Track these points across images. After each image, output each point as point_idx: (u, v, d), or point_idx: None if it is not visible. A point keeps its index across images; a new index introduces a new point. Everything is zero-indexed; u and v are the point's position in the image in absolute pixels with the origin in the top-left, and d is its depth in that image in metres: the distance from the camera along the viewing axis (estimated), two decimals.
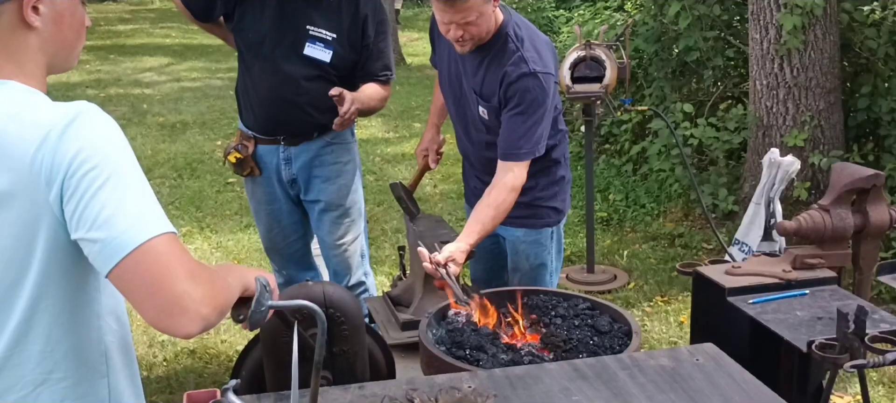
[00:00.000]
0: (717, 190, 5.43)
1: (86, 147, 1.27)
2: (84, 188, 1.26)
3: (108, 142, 1.30)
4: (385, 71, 3.17)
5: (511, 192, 2.60)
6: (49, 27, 1.41)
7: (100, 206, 1.26)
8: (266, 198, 3.27)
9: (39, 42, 1.40)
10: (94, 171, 1.27)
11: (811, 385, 2.22)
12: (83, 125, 1.29)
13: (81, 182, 1.26)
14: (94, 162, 1.27)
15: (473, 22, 2.52)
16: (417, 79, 11.41)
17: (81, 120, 1.29)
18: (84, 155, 1.27)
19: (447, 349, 2.15)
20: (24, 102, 1.33)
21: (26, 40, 1.39)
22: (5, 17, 1.36)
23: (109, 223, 1.25)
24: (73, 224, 1.28)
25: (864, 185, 2.42)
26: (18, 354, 1.35)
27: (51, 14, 1.41)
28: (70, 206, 1.27)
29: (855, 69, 5.50)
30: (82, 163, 1.27)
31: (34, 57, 1.40)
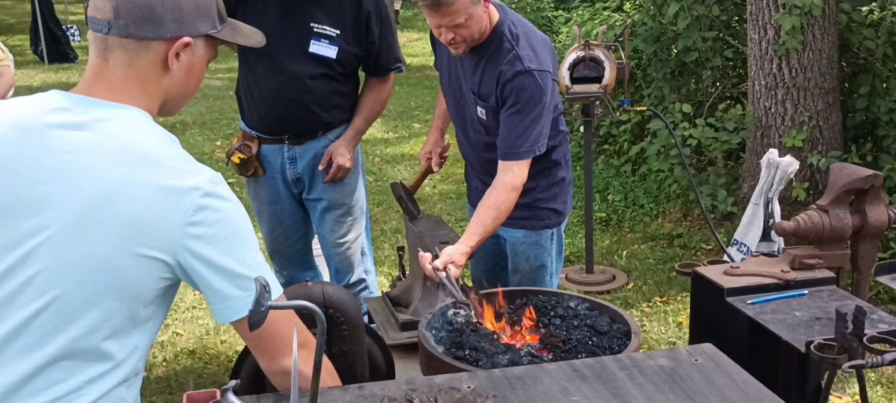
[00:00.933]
0: (716, 190, 5.44)
1: (225, 207, 1.50)
2: (217, 242, 1.48)
3: (238, 206, 1.53)
4: (397, 63, 3.23)
5: (511, 192, 2.60)
6: (180, 74, 1.57)
7: (230, 262, 1.49)
8: (269, 198, 3.28)
9: (168, 84, 1.57)
10: (232, 232, 1.50)
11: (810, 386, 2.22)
12: (224, 189, 1.51)
13: (216, 236, 1.48)
14: (233, 226, 1.51)
15: (463, 24, 2.51)
16: (417, 80, 11.41)
17: (223, 185, 1.51)
18: (225, 214, 1.49)
19: (446, 349, 2.16)
20: (167, 139, 1.54)
21: (159, 79, 1.55)
22: (152, 54, 1.52)
23: (228, 287, 1.50)
24: (200, 271, 1.48)
25: (862, 186, 2.42)
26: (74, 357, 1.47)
27: (186, 63, 1.57)
28: (202, 254, 1.47)
29: (853, 69, 5.50)
30: (222, 221, 1.49)
31: (159, 95, 1.57)
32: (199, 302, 4.44)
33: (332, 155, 3.13)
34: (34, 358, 1.42)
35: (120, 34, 1.49)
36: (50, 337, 1.43)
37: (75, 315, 1.43)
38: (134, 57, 1.51)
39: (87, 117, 1.48)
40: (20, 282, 1.42)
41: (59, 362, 1.44)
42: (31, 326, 1.42)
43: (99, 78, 1.52)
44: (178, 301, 4.45)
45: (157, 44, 1.51)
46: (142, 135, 1.50)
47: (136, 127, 1.50)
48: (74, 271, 1.42)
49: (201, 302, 4.43)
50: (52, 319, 1.42)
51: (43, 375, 1.43)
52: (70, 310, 1.43)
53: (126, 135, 1.48)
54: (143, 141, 1.49)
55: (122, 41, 1.50)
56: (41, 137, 1.46)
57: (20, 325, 1.42)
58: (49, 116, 1.48)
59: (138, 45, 1.50)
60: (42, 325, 1.42)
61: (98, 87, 1.51)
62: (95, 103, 1.49)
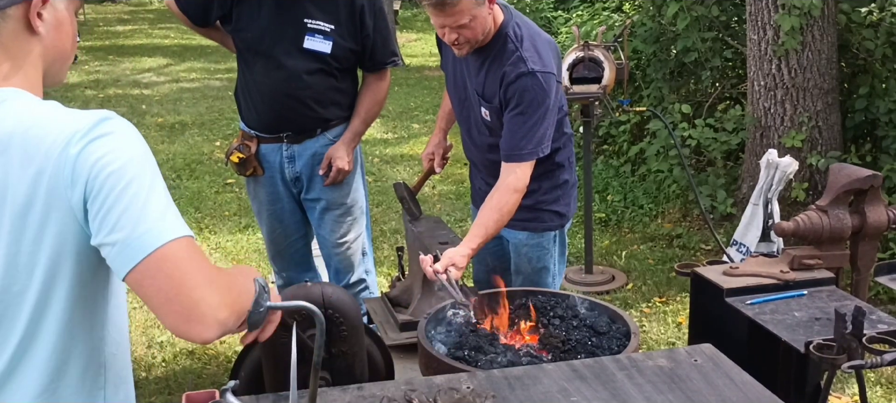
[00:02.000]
0: (716, 190, 5.44)
1: (111, 151, 1.28)
2: (107, 191, 1.27)
3: (131, 146, 1.31)
4: (393, 57, 3.23)
5: (514, 194, 2.59)
6: (50, 34, 1.40)
7: (122, 209, 1.26)
8: (268, 198, 3.28)
9: (41, 49, 1.40)
10: (117, 175, 1.27)
11: (809, 386, 2.22)
12: (107, 130, 1.29)
13: (104, 184, 1.27)
14: (118, 165, 1.27)
15: (467, 25, 2.51)
16: (416, 81, 11.42)
17: (106, 125, 1.29)
18: (108, 158, 1.27)
19: (446, 350, 2.16)
20: (44, 107, 1.33)
21: (29, 46, 1.38)
22: (11, 22, 1.35)
23: (130, 225, 1.26)
24: (94, 226, 1.28)
25: (861, 186, 2.42)
26: (27, 361, 1.34)
27: (53, 21, 1.40)
28: (93, 209, 1.27)
29: (852, 70, 5.51)
30: (106, 166, 1.27)
31: (35, 63, 1.40)
32: None
33: (331, 158, 3.14)
34: None
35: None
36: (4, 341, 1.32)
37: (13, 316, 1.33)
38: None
39: None
40: None
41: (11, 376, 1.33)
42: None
43: None
44: None
45: (13, 10, 1.35)
46: (12, 117, 1.32)
47: (4, 109, 1.32)
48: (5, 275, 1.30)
49: None
50: None
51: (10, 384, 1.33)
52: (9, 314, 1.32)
53: (11, 119, 1.31)
54: (14, 121, 1.31)
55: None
56: None
57: None
58: None
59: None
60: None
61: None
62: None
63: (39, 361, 1.34)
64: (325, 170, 3.15)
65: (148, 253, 1.25)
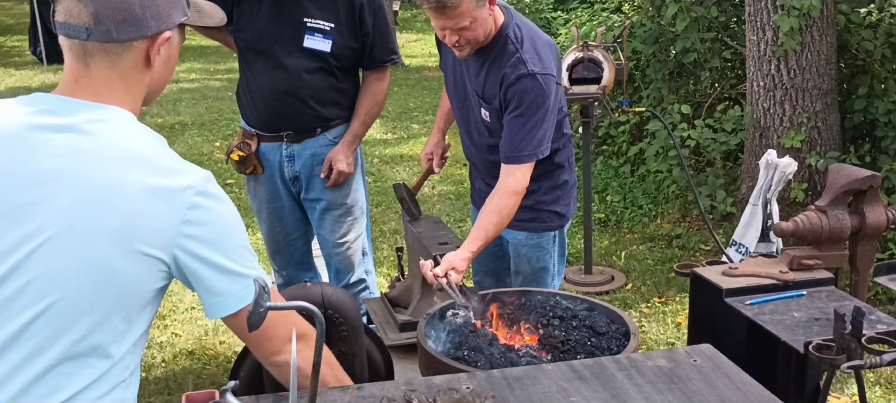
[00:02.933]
0: (715, 191, 5.44)
1: (217, 205, 1.51)
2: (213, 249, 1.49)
3: (230, 204, 1.54)
4: (392, 55, 3.24)
5: (513, 196, 2.60)
6: (160, 67, 1.56)
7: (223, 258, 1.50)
8: (268, 197, 3.28)
9: (150, 79, 1.55)
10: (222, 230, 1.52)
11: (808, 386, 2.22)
12: (214, 190, 1.51)
13: (209, 235, 1.49)
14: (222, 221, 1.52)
15: (468, 27, 2.51)
16: (415, 81, 11.41)
17: (212, 185, 1.52)
18: (216, 212, 1.50)
19: (445, 350, 2.16)
20: (152, 136, 1.53)
21: (142, 76, 1.54)
22: (134, 53, 1.50)
23: (233, 278, 1.51)
24: (191, 274, 1.50)
25: (860, 186, 2.43)
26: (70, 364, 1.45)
27: (165, 56, 1.56)
28: (196, 253, 1.48)
29: (852, 70, 5.51)
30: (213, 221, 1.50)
31: (141, 92, 1.55)
32: (198, 304, 4.43)
33: (331, 161, 3.14)
34: (33, 367, 1.41)
35: (101, 40, 1.46)
36: (48, 344, 1.41)
37: (72, 320, 1.41)
38: (116, 59, 1.48)
39: (74, 120, 1.45)
40: (14, 290, 1.40)
41: (58, 367, 1.42)
42: (26, 333, 1.40)
43: (80, 82, 1.49)
44: (177, 302, 4.45)
45: (138, 43, 1.50)
46: (130, 136, 1.48)
47: (123, 128, 1.48)
48: (69, 276, 1.40)
49: (200, 304, 4.43)
50: (48, 325, 1.40)
51: (42, 382, 1.42)
52: (67, 316, 1.41)
53: (114, 136, 1.46)
54: (132, 141, 1.48)
55: (103, 46, 1.47)
56: (28, 141, 1.44)
57: (16, 333, 1.40)
58: (34, 119, 1.46)
59: (120, 47, 1.48)
60: (38, 332, 1.40)
61: (81, 91, 1.48)
62: (80, 105, 1.47)
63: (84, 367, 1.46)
64: (325, 173, 3.15)
65: (243, 306, 1.51)
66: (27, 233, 1.40)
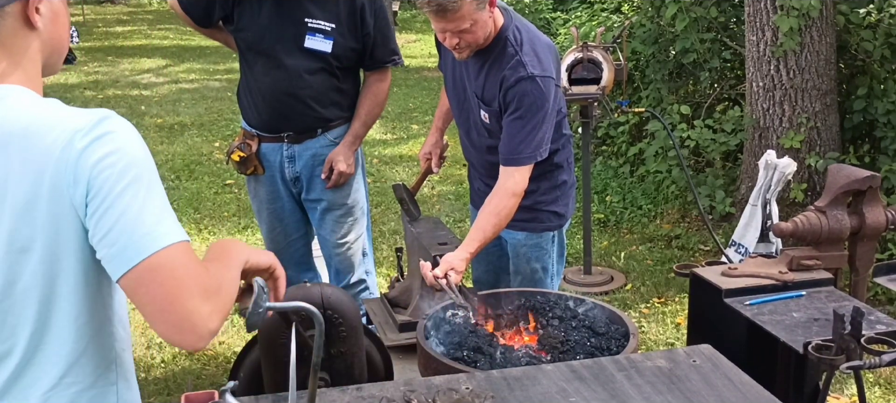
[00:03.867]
0: (714, 191, 5.44)
1: (112, 152, 1.28)
2: (106, 192, 1.27)
3: (132, 148, 1.30)
4: (393, 56, 3.24)
5: (512, 197, 2.60)
6: (48, 27, 1.39)
7: (120, 211, 1.26)
8: (268, 197, 3.28)
9: (39, 43, 1.39)
10: (117, 177, 1.27)
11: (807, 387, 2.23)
12: (108, 128, 1.29)
13: (104, 185, 1.27)
14: (119, 167, 1.27)
15: (468, 29, 2.51)
16: (415, 81, 11.42)
17: (106, 124, 1.29)
18: (110, 159, 1.27)
19: (445, 350, 2.16)
20: (44, 105, 1.33)
21: (28, 41, 1.37)
22: (9, 19, 1.34)
23: (127, 228, 1.26)
24: (91, 225, 1.28)
25: (860, 187, 2.43)
26: (39, 356, 1.35)
27: (49, 13, 1.39)
28: (92, 208, 1.27)
29: (851, 71, 5.51)
30: (106, 167, 1.27)
31: (34, 58, 1.39)
32: None
33: (332, 162, 3.14)
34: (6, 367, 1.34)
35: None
36: (6, 342, 1.33)
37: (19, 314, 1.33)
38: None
39: None
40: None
41: (31, 360, 1.34)
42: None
43: None
44: None
45: (11, 7, 1.34)
46: (12, 114, 1.31)
47: (5, 106, 1.31)
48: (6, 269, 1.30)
49: None
50: (3, 325, 1.33)
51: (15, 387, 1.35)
52: (16, 309, 1.32)
53: (6, 118, 1.30)
54: (14, 119, 1.31)
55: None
56: None
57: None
58: None
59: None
60: None
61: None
62: None
63: (51, 355, 1.34)
64: (326, 174, 3.15)
65: (142, 259, 1.25)
66: None
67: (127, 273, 1.26)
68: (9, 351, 1.34)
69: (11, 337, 1.33)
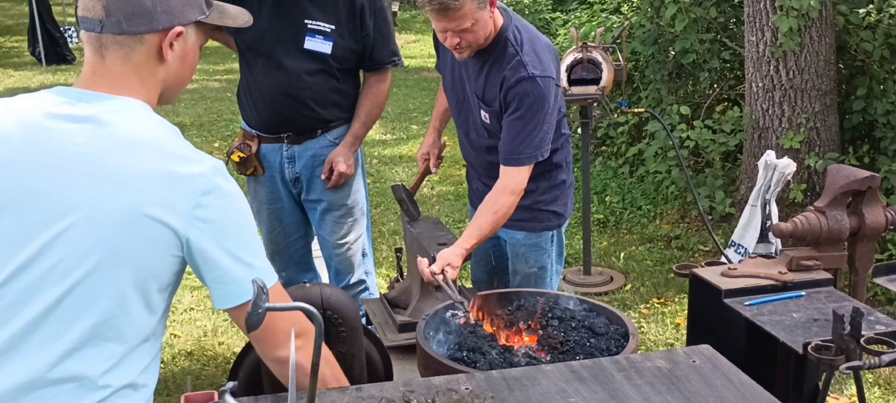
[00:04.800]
0: (714, 192, 5.44)
1: (227, 206, 1.54)
2: (222, 239, 1.52)
3: (241, 197, 1.58)
4: (393, 57, 3.23)
5: (511, 196, 2.60)
6: (175, 63, 1.60)
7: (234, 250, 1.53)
8: (268, 198, 3.28)
9: (165, 74, 1.60)
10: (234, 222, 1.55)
11: (807, 387, 2.23)
12: (225, 181, 1.54)
13: (221, 232, 1.52)
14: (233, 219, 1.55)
15: (469, 29, 2.51)
16: (415, 82, 11.41)
17: (223, 176, 1.54)
18: (225, 212, 1.53)
19: (444, 351, 2.16)
20: (164, 125, 1.56)
21: (156, 70, 1.59)
22: (146, 46, 1.56)
23: (242, 269, 1.53)
24: (202, 258, 1.52)
25: (859, 187, 2.43)
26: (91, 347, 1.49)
27: (180, 52, 1.60)
28: (204, 243, 1.51)
29: (850, 71, 5.51)
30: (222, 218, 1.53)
31: (157, 86, 1.61)
32: (197, 304, 4.43)
33: (332, 163, 3.14)
34: (56, 347, 1.46)
35: (113, 31, 1.54)
36: (70, 325, 1.46)
37: (90, 302, 1.47)
38: (129, 52, 1.55)
39: (91, 111, 1.52)
40: (40, 273, 1.46)
41: (80, 351, 1.47)
42: (52, 315, 1.46)
43: (97, 75, 1.56)
44: (176, 303, 4.44)
45: (150, 37, 1.55)
46: (144, 125, 1.54)
47: (137, 118, 1.55)
48: (91, 256, 1.46)
49: (199, 304, 4.43)
50: (72, 307, 1.46)
51: (65, 363, 1.46)
52: (89, 296, 1.47)
53: (129, 125, 1.53)
54: (146, 130, 1.54)
55: (116, 38, 1.54)
56: (47, 132, 1.51)
57: (41, 314, 1.45)
58: (54, 110, 1.53)
59: (132, 39, 1.55)
60: (63, 313, 1.46)
61: (98, 84, 1.56)
62: (97, 97, 1.54)
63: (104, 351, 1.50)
64: (326, 174, 3.15)
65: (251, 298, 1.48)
66: (49, 219, 1.47)
67: (235, 307, 1.56)
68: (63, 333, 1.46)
69: (73, 321, 1.47)
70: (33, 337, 1.46)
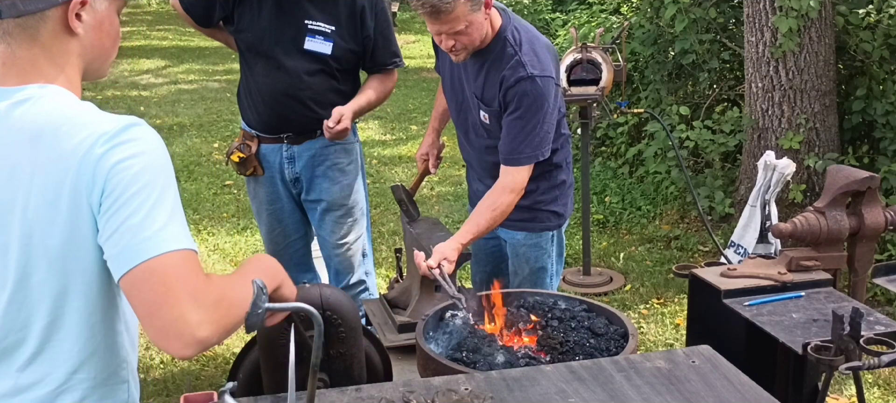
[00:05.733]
0: (713, 192, 5.44)
1: (130, 156, 1.33)
2: (118, 194, 1.32)
3: (151, 155, 1.36)
4: (394, 58, 3.23)
5: (510, 194, 2.61)
6: (89, 34, 1.46)
7: (128, 213, 1.31)
8: (268, 198, 3.28)
9: (79, 48, 1.46)
10: (130, 180, 1.32)
11: (807, 387, 2.23)
12: (132, 136, 1.35)
13: (116, 187, 1.32)
14: (133, 171, 1.33)
15: (463, 31, 2.51)
16: (414, 82, 11.41)
17: (132, 131, 1.35)
18: (126, 163, 1.33)
19: (444, 351, 2.16)
20: (78, 106, 1.40)
21: (68, 46, 1.44)
22: (50, 22, 1.41)
23: (131, 230, 1.31)
24: (101, 224, 1.33)
25: (859, 188, 2.43)
26: (50, 349, 1.39)
27: (92, 21, 1.46)
28: (104, 208, 1.32)
29: (850, 72, 5.51)
30: (122, 170, 1.32)
31: (74, 62, 1.46)
32: None
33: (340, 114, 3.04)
34: (12, 363, 1.39)
35: (12, 15, 1.40)
36: (21, 335, 1.38)
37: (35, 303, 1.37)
38: (34, 33, 1.42)
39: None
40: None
41: (38, 357, 1.39)
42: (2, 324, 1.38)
43: (7, 65, 1.43)
44: None
45: (52, 12, 1.41)
46: (51, 112, 1.39)
47: (41, 104, 1.40)
48: (15, 264, 1.36)
49: None
50: (17, 314, 1.37)
51: (25, 373, 1.39)
52: (30, 301, 1.37)
53: (29, 116, 1.38)
54: (53, 116, 1.38)
55: (17, 22, 1.41)
56: None
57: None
58: None
59: (34, 19, 1.41)
60: (9, 322, 1.38)
61: (7, 76, 1.43)
62: (3, 92, 1.41)
63: (63, 350, 1.39)
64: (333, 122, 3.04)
65: (140, 262, 1.30)
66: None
67: (125, 274, 1.30)
68: (21, 341, 1.38)
69: (24, 328, 1.38)
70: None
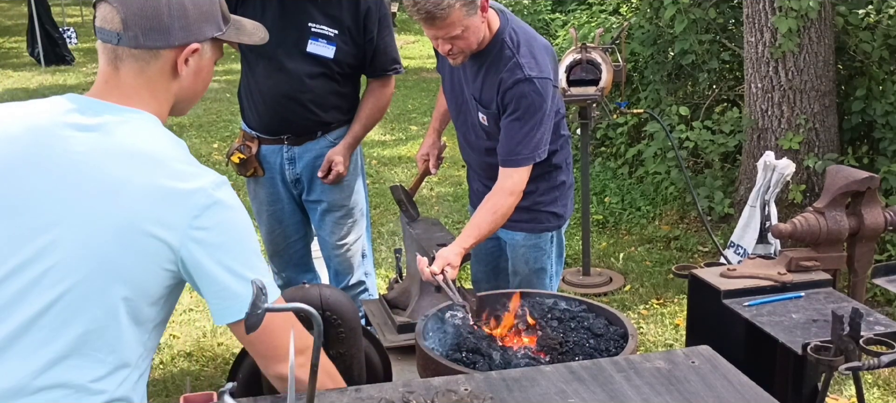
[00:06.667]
0: (713, 192, 5.44)
1: (226, 220, 1.53)
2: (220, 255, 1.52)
3: (243, 216, 1.57)
4: (394, 64, 3.24)
5: (509, 196, 2.60)
6: (189, 77, 1.61)
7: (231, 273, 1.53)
8: (268, 199, 3.29)
9: (177, 88, 1.61)
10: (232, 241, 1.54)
11: (806, 388, 2.23)
12: (226, 196, 1.54)
13: (218, 249, 1.51)
14: (233, 235, 1.54)
15: (460, 35, 2.50)
16: (414, 82, 11.41)
17: (225, 190, 1.54)
18: (224, 226, 1.53)
19: (444, 351, 2.16)
20: (169, 138, 1.57)
21: (169, 84, 1.60)
22: (161, 61, 1.56)
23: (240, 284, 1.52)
24: (199, 277, 1.52)
25: (858, 188, 2.43)
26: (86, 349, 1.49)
27: (195, 67, 1.61)
28: (201, 263, 1.51)
29: (849, 72, 5.51)
30: (222, 233, 1.52)
31: (169, 99, 1.61)
32: (196, 305, 4.43)
33: (331, 161, 3.14)
34: (43, 353, 1.46)
35: (130, 45, 1.54)
36: (60, 332, 1.46)
37: (79, 310, 1.47)
38: (144, 66, 1.56)
39: (98, 120, 1.53)
40: (33, 277, 1.46)
41: (68, 359, 1.47)
42: (42, 320, 1.46)
43: (110, 85, 1.57)
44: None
45: (166, 52, 1.56)
46: (148, 139, 1.54)
47: (143, 130, 1.55)
48: (83, 265, 1.46)
49: (198, 305, 4.42)
50: (62, 313, 1.46)
51: (52, 371, 1.46)
52: (79, 304, 1.46)
53: (133, 138, 1.53)
54: (150, 144, 1.54)
55: (131, 51, 1.55)
56: (54, 138, 1.52)
57: (32, 318, 1.46)
58: (62, 118, 1.54)
59: (148, 54, 1.55)
60: (53, 319, 1.46)
61: (110, 94, 1.57)
62: (107, 107, 1.55)
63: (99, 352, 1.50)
64: (324, 172, 3.15)
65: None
66: (47, 224, 1.48)
67: (235, 323, 1.55)
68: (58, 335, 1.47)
69: (67, 326, 1.47)
70: (21, 342, 1.45)
